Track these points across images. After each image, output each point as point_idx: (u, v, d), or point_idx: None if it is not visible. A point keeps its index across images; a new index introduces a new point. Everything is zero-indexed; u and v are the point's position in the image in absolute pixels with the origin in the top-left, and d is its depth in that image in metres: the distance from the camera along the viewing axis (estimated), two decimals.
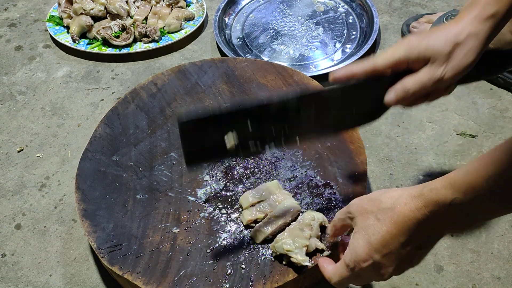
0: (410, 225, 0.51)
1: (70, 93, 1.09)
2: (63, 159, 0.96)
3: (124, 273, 0.68)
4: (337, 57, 1.11)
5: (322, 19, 1.20)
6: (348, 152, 0.79)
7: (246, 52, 1.14)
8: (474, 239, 0.80)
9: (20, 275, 0.80)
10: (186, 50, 1.18)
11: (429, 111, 0.99)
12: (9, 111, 1.06)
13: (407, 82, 0.61)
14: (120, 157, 0.82)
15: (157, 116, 0.88)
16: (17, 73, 1.15)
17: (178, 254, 0.70)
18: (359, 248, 0.55)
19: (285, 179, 0.78)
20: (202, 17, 1.22)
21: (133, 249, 0.71)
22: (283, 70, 0.94)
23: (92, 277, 0.79)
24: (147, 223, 0.74)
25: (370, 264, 0.54)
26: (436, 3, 1.23)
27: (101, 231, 0.73)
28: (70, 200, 0.89)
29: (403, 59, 0.60)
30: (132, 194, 0.77)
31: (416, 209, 0.51)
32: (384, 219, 0.53)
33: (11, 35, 1.24)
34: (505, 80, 1.00)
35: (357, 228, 0.56)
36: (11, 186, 0.92)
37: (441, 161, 0.91)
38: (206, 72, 0.95)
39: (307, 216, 0.69)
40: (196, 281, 0.67)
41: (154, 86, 0.93)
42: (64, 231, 0.85)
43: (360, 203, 0.57)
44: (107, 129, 0.86)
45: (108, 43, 1.15)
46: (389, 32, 1.17)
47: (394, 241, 0.52)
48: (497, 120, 0.97)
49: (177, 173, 0.80)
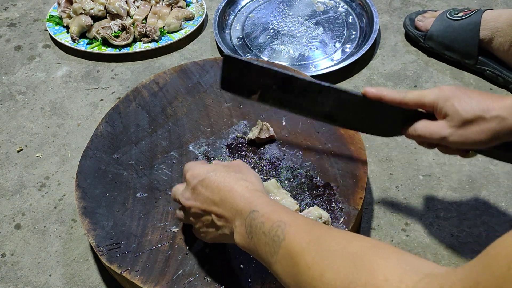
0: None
1: (69, 93, 1.09)
2: (62, 159, 0.96)
3: (123, 271, 0.68)
4: (337, 57, 1.11)
5: (322, 19, 1.20)
6: (349, 153, 0.79)
7: (246, 52, 1.14)
8: (474, 239, 0.80)
9: (20, 275, 0.80)
10: (186, 50, 1.18)
11: None
12: (8, 111, 1.06)
13: (419, 124, 0.64)
14: (121, 155, 0.82)
15: (158, 115, 0.88)
16: (16, 73, 1.15)
17: (177, 253, 0.70)
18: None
19: (285, 179, 0.77)
20: (202, 17, 1.22)
21: (132, 247, 0.71)
22: None
23: (92, 277, 0.79)
24: (147, 222, 0.74)
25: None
26: (436, 3, 1.23)
27: (100, 229, 0.73)
28: (70, 200, 0.89)
29: (430, 104, 0.62)
30: (132, 192, 0.77)
31: None
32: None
33: (10, 35, 1.24)
34: (504, 79, 1.00)
35: None
36: (10, 186, 0.92)
37: (441, 161, 0.90)
38: (208, 71, 0.95)
39: (314, 212, 0.69)
40: (194, 281, 0.67)
41: (155, 85, 0.93)
42: (64, 231, 0.85)
43: None
44: (108, 127, 0.86)
45: (107, 43, 1.15)
46: (389, 32, 1.17)
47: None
48: None
49: (177, 172, 0.80)
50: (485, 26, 0.99)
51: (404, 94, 0.64)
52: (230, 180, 0.58)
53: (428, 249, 0.79)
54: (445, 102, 0.61)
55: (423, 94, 0.63)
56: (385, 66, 1.10)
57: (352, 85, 1.05)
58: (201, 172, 0.60)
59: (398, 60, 1.11)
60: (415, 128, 0.64)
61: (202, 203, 0.59)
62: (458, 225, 0.81)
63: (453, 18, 1.04)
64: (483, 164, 0.90)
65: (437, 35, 1.06)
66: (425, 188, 0.86)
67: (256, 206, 0.54)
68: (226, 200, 0.57)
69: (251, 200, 0.55)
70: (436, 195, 0.85)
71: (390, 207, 0.84)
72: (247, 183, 0.58)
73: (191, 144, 0.84)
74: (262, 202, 0.55)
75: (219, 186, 0.58)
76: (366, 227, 0.82)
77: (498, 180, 0.87)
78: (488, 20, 0.99)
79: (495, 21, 0.98)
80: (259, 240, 0.52)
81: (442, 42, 1.06)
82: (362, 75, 1.08)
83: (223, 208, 0.57)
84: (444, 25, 1.05)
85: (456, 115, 0.60)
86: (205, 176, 0.59)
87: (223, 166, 0.61)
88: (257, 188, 0.59)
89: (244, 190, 0.57)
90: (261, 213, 0.53)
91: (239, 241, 0.56)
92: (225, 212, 0.57)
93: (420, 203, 0.85)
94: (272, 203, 0.55)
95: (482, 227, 0.81)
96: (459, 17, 1.03)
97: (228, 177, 0.59)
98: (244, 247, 0.56)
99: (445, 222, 0.82)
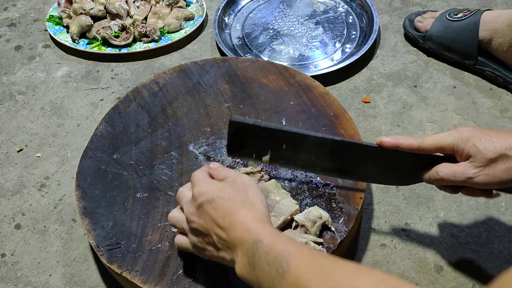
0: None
1: (69, 93, 1.09)
2: (62, 159, 0.96)
3: (123, 271, 0.68)
4: (337, 57, 1.11)
5: (322, 19, 1.20)
6: None
7: (246, 52, 1.14)
8: (474, 239, 0.80)
9: (20, 275, 0.80)
10: (185, 50, 1.18)
11: (429, 111, 0.99)
12: (8, 111, 1.06)
13: (441, 167, 0.63)
14: (121, 155, 0.82)
15: (158, 115, 0.88)
16: (16, 73, 1.15)
17: (177, 253, 0.70)
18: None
19: (285, 179, 0.77)
20: (202, 17, 1.22)
21: (132, 247, 0.71)
22: (284, 70, 0.94)
23: (92, 277, 0.79)
24: (147, 222, 0.74)
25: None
26: (436, 3, 1.24)
27: (100, 229, 0.73)
28: (70, 200, 0.89)
29: (450, 146, 0.62)
30: (132, 192, 0.77)
31: None
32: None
33: (10, 35, 1.24)
34: (504, 79, 1.00)
35: None
36: (10, 186, 0.92)
37: None
38: (208, 71, 0.95)
39: (314, 212, 0.69)
40: (194, 281, 0.67)
41: (155, 85, 0.93)
42: (64, 231, 0.85)
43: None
44: (108, 127, 0.86)
45: (107, 43, 1.15)
46: (389, 32, 1.17)
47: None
48: (497, 120, 0.97)
49: (177, 172, 0.80)
50: (484, 27, 0.99)
51: (421, 140, 0.64)
52: (237, 206, 0.58)
53: (428, 249, 0.79)
54: (466, 144, 0.61)
55: (441, 138, 0.63)
56: (385, 66, 1.10)
57: (352, 85, 1.05)
58: (210, 191, 0.59)
59: (398, 60, 1.11)
60: (438, 171, 0.63)
61: (206, 223, 0.59)
62: (458, 225, 0.81)
63: (452, 19, 1.04)
64: None
65: (436, 36, 1.06)
66: (425, 188, 0.86)
67: (260, 235, 0.54)
68: (231, 226, 0.57)
69: (256, 229, 0.55)
70: (436, 195, 0.85)
71: (390, 207, 0.84)
72: (252, 211, 0.58)
73: (191, 144, 0.84)
74: (267, 232, 0.55)
75: (225, 211, 0.58)
76: (366, 227, 0.82)
77: None
78: (487, 21, 0.99)
79: (493, 22, 0.98)
80: (261, 271, 0.52)
81: (441, 43, 1.06)
82: (362, 75, 1.08)
83: (227, 233, 0.57)
84: (444, 26, 1.05)
85: (479, 155, 0.59)
86: (212, 197, 0.59)
87: (231, 187, 0.60)
88: (263, 215, 0.58)
89: (249, 219, 0.56)
90: (265, 243, 0.53)
91: (240, 271, 0.55)
92: (228, 238, 0.57)
93: (420, 203, 0.85)
94: (276, 233, 0.55)
95: (482, 227, 0.81)
96: (458, 18, 1.03)
97: (235, 203, 0.58)
98: (245, 278, 0.55)
99: (445, 222, 0.82)
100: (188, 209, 0.61)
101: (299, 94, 0.89)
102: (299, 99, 0.89)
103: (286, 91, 0.90)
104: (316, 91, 0.90)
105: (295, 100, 0.89)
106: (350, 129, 0.83)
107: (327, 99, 0.88)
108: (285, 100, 0.89)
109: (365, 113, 1.00)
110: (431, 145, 0.63)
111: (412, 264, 0.77)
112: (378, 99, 1.03)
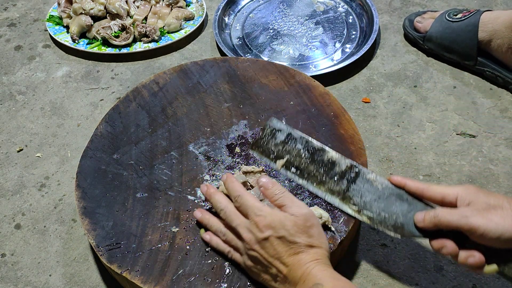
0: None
1: (69, 93, 1.09)
2: (62, 159, 0.96)
3: (123, 271, 0.68)
4: (337, 57, 1.11)
5: (322, 19, 1.20)
6: (349, 154, 0.79)
7: (246, 52, 1.14)
8: None
9: (20, 275, 0.80)
10: (185, 50, 1.18)
11: (429, 111, 0.99)
12: (8, 111, 1.06)
13: (440, 209, 0.64)
14: (121, 155, 0.82)
15: (158, 115, 0.88)
16: (16, 73, 1.15)
17: (176, 253, 0.70)
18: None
19: (285, 179, 0.77)
20: (202, 17, 1.22)
21: (132, 247, 0.71)
22: (284, 70, 0.94)
23: (92, 277, 0.79)
24: (147, 222, 0.74)
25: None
26: (436, 3, 1.24)
27: (100, 229, 0.73)
28: (70, 200, 0.89)
29: (454, 194, 0.63)
30: (132, 192, 0.77)
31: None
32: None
33: (10, 35, 1.24)
34: (504, 79, 1.00)
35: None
36: (10, 186, 0.92)
37: (441, 161, 0.91)
38: (208, 71, 0.95)
39: (314, 212, 0.69)
40: (194, 281, 0.67)
41: (155, 85, 0.93)
42: (64, 231, 0.85)
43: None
44: (108, 127, 0.86)
45: (107, 43, 1.15)
46: (389, 32, 1.17)
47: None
48: (497, 120, 0.97)
49: (177, 172, 0.80)
50: (483, 28, 0.99)
51: (427, 186, 0.66)
52: (302, 248, 0.62)
53: (428, 249, 0.79)
54: (468, 193, 0.62)
55: (448, 188, 0.65)
56: (385, 66, 1.10)
57: (352, 85, 1.05)
58: (277, 226, 0.62)
59: (398, 60, 1.11)
60: (437, 213, 0.63)
61: (269, 256, 0.62)
62: None
63: (452, 20, 1.04)
64: (483, 164, 0.90)
65: (436, 37, 1.06)
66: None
67: (320, 279, 0.58)
68: (294, 265, 0.61)
69: (318, 273, 0.59)
70: None
71: None
72: (318, 253, 0.62)
73: (191, 144, 0.84)
74: (327, 275, 0.59)
75: (291, 250, 0.61)
76: (366, 227, 0.82)
77: (498, 180, 0.87)
78: (486, 22, 0.99)
79: (492, 23, 0.98)
80: None
81: (441, 43, 1.06)
82: (362, 75, 1.08)
83: (288, 270, 0.61)
84: (443, 26, 1.05)
85: (480, 200, 0.61)
86: (282, 235, 0.62)
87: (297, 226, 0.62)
88: (325, 258, 0.62)
89: (313, 262, 0.60)
90: (325, 287, 0.57)
91: None
92: (289, 275, 0.61)
93: None
94: (337, 277, 0.59)
95: None
96: (458, 19, 1.03)
97: (301, 244, 0.62)
98: None
99: None
100: (250, 237, 0.64)
101: (299, 94, 0.89)
102: (299, 99, 0.89)
103: (286, 91, 0.90)
104: (316, 91, 0.90)
105: (295, 100, 0.89)
106: (350, 129, 0.83)
107: (327, 99, 0.88)
108: (285, 100, 0.89)
109: (365, 113, 1.00)
110: (436, 191, 0.65)
111: (412, 264, 0.77)
112: (378, 99, 1.03)
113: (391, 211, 0.68)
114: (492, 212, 0.59)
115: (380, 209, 0.68)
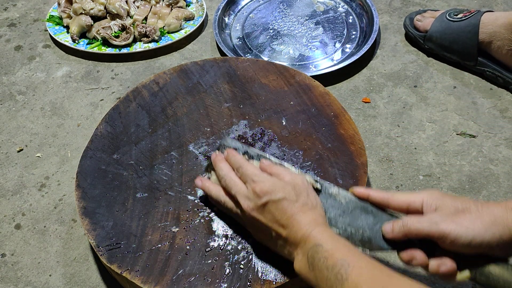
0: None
1: (69, 93, 1.09)
2: (62, 159, 0.96)
3: (123, 271, 0.68)
4: (337, 57, 1.11)
5: (322, 19, 1.20)
6: (349, 154, 0.79)
7: (246, 52, 1.14)
8: None
9: (20, 275, 0.80)
10: (186, 50, 1.18)
11: (429, 111, 0.99)
12: (8, 111, 1.06)
13: (408, 217, 0.61)
14: (121, 155, 0.82)
15: (158, 115, 0.88)
16: (16, 73, 1.15)
17: (176, 253, 0.70)
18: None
19: None
20: (202, 17, 1.22)
21: (132, 247, 0.71)
22: (284, 70, 0.94)
23: (92, 277, 0.79)
24: (147, 222, 0.74)
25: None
26: (436, 3, 1.24)
27: (100, 229, 0.73)
28: (70, 200, 0.89)
29: (420, 201, 0.62)
30: (132, 192, 0.77)
31: None
32: None
33: (10, 35, 1.24)
34: (504, 79, 1.00)
35: None
36: (10, 186, 0.92)
37: (441, 161, 0.91)
38: (208, 71, 0.95)
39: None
40: (194, 281, 0.67)
41: (155, 85, 0.93)
42: (64, 231, 0.85)
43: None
44: (108, 127, 0.86)
45: (107, 43, 1.15)
46: (389, 32, 1.17)
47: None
48: (497, 120, 0.97)
49: (177, 172, 0.80)
50: (483, 29, 0.99)
51: (391, 195, 0.64)
52: (300, 209, 0.62)
53: None
54: (434, 198, 0.60)
55: (411, 195, 0.63)
56: (385, 66, 1.10)
57: (352, 85, 1.05)
58: (274, 191, 0.63)
59: (398, 60, 1.11)
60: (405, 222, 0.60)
61: (268, 221, 0.63)
62: None
63: (452, 20, 1.04)
64: (483, 164, 0.90)
65: (436, 37, 1.06)
66: (425, 188, 0.86)
67: (321, 240, 0.58)
68: (294, 227, 0.61)
69: (317, 234, 0.59)
70: None
71: None
72: (314, 214, 0.62)
73: (191, 144, 0.84)
74: (327, 236, 0.59)
75: (288, 212, 0.62)
76: None
77: (498, 180, 0.87)
78: (486, 23, 0.99)
79: (492, 24, 0.98)
80: (320, 273, 0.56)
81: (441, 43, 1.06)
82: (362, 75, 1.08)
83: (288, 232, 0.61)
84: (443, 26, 1.05)
85: (447, 205, 0.59)
86: (278, 198, 0.62)
87: (294, 189, 0.64)
88: (323, 218, 0.63)
89: (312, 222, 0.60)
90: (325, 248, 0.57)
91: (299, 269, 0.60)
92: (289, 237, 0.61)
93: None
94: (336, 239, 0.59)
95: None
96: (459, 19, 1.03)
97: (298, 205, 0.62)
98: (302, 275, 0.59)
99: None
100: (247, 204, 0.65)
101: (299, 94, 0.89)
102: (299, 99, 0.89)
103: (286, 91, 0.90)
104: (316, 91, 0.90)
105: (295, 100, 0.89)
106: (350, 129, 0.83)
107: (327, 99, 0.88)
108: (285, 100, 0.89)
109: (365, 113, 1.00)
110: (400, 199, 0.63)
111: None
112: (378, 99, 1.03)
113: (357, 225, 0.64)
114: (461, 216, 0.57)
115: (345, 224, 0.65)
